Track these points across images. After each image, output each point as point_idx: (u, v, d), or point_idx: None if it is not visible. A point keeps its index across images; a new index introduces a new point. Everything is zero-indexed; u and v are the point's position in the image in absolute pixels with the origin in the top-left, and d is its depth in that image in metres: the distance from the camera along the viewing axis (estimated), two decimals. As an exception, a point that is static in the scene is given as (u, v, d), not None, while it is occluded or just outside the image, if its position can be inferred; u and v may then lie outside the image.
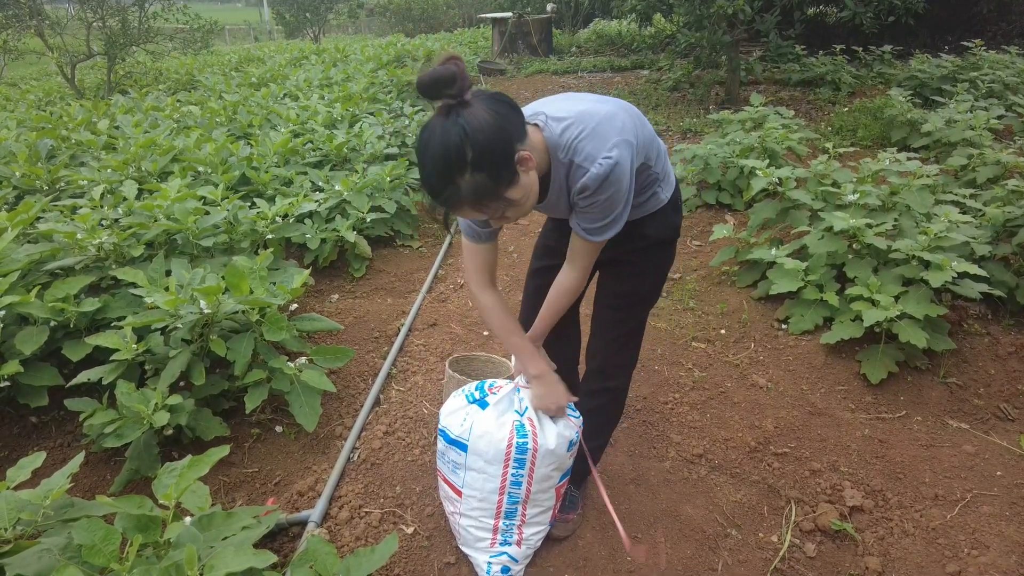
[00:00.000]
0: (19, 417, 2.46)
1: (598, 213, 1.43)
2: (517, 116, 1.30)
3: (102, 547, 1.22)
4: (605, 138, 1.36)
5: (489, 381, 1.79)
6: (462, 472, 1.70)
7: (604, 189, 1.37)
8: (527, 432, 1.63)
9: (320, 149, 4.65)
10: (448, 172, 1.22)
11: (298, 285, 2.48)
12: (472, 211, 1.31)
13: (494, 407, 1.67)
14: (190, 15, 11.20)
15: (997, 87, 5.77)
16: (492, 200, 1.28)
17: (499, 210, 1.32)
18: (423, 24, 22.59)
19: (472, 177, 1.22)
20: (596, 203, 1.41)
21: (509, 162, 1.26)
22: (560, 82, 9.91)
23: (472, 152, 1.20)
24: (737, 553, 1.86)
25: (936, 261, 2.54)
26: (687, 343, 2.92)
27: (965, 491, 2.04)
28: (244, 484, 2.21)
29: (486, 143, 1.21)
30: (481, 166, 1.22)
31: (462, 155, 1.20)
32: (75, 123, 5.12)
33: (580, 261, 1.56)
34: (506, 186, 1.28)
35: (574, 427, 1.72)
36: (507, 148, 1.24)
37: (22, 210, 2.76)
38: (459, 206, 1.29)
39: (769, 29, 7.00)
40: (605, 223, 1.45)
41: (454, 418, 1.70)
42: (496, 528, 1.73)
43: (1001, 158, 3.67)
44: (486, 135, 1.21)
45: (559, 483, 1.75)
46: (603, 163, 1.35)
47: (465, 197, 1.25)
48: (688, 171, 4.52)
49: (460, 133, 1.20)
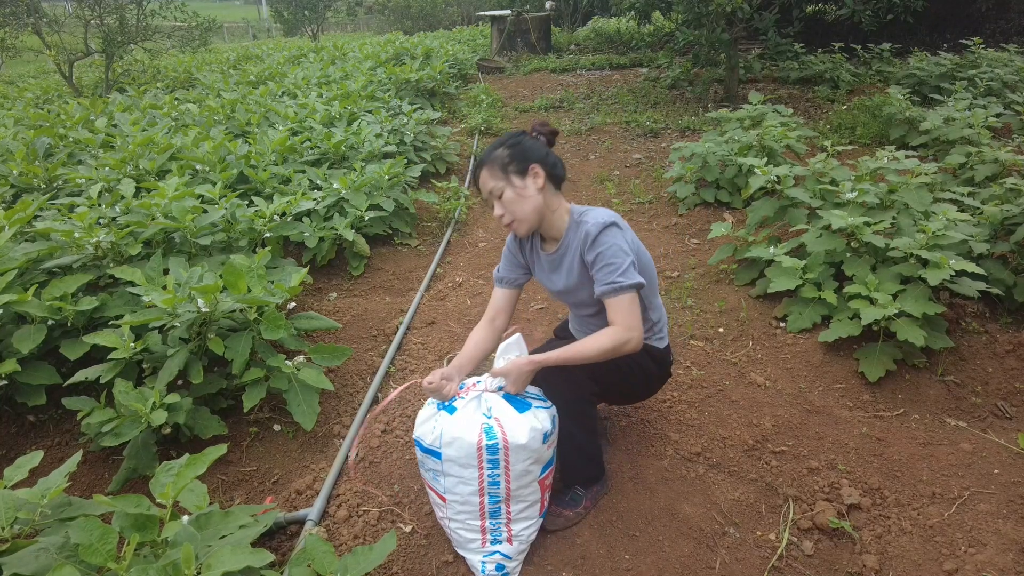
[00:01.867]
0: (17, 416, 2.46)
1: (609, 260, 1.73)
2: (544, 147, 1.86)
3: (99, 546, 1.21)
4: (607, 213, 1.82)
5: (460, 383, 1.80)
6: (442, 478, 1.71)
7: (604, 237, 1.75)
8: (496, 432, 1.63)
9: (318, 147, 4.64)
10: (496, 146, 1.83)
11: (296, 283, 2.48)
12: (487, 174, 1.80)
13: (461, 411, 1.68)
14: (188, 13, 11.18)
15: (996, 85, 5.77)
16: (501, 173, 1.77)
17: (501, 188, 1.78)
18: (422, 22, 22.57)
19: (503, 150, 1.80)
20: (602, 253, 1.74)
21: (525, 157, 1.80)
22: (559, 80, 9.90)
23: (514, 139, 1.84)
24: (735, 551, 1.86)
25: (934, 259, 2.54)
26: (685, 341, 2.92)
27: (963, 489, 2.04)
28: (242, 483, 2.21)
29: (521, 143, 1.83)
30: (509, 146, 1.81)
31: (510, 140, 1.84)
32: (73, 121, 5.12)
33: (621, 317, 1.74)
34: (516, 169, 1.78)
35: (547, 419, 1.71)
36: (527, 153, 1.80)
37: (19, 208, 2.76)
38: (485, 167, 1.80)
39: (768, 27, 7.00)
40: (622, 269, 1.73)
41: (425, 427, 1.70)
42: (484, 528, 1.73)
43: (999, 156, 3.67)
44: (524, 143, 1.84)
45: (541, 476, 1.73)
46: (604, 219, 1.78)
47: (493, 160, 1.79)
48: (687, 169, 4.51)
49: (518, 136, 1.86)
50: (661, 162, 5.62)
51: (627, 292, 1.72)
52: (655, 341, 2.00)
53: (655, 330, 1.99)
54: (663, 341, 2.02)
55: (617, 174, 5.47)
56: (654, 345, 1.99)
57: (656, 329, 2.00)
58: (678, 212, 4.45)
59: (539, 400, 1.77)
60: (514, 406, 1.70)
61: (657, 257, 3.83)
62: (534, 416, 1.69)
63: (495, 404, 1.70)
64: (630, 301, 1.73)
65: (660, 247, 3.97)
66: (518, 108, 8.13)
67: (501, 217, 1.81)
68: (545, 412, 1.73)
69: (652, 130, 6.57)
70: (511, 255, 2.04)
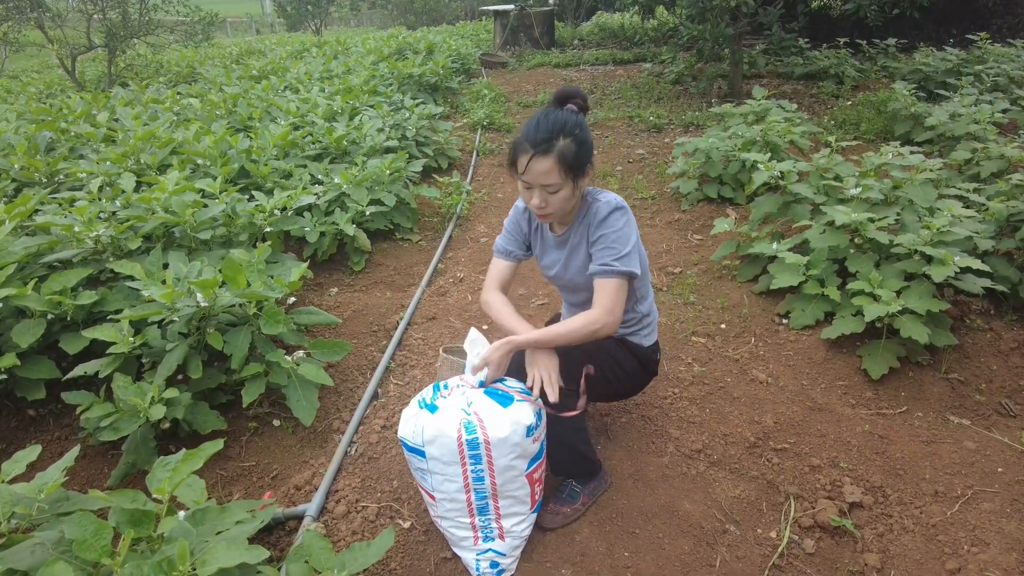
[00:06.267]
0: (16, 410, 2.46)
1: (612, 243, 1.73)
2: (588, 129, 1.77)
3: (93, 542, 1.21)
4: (618, 198, 1.80)
5: (444, 383, 1.78)
6: (429, 477, 1.70)
7: (613, 219, 1.74)
8: (475, 427, 1.61)
9: (320, 142, 4.63)
10: (556, 132, 1.65)
11: (296, 278, 2.47)
12: (547, 167, 1.64)
13: (443, 410, 1.66)
14: (190, 7, 11.18)
15: (1002, 81, 5.73)
16: (563, 171, 1.65)
17: (558, 186, 1.67)
18: (425, 17, 22.52)
19: (566, 141, 1.64)
20: (608, 234, 1.74)
21: (588, 154, 1.70)
22: (562, 75, 9.86)
23: (577, 130, 1.67)
24: (735, 549, 1.85)
25: (938, 256, 2.52)
26: (687, 337, 2.91)
27: (966, 487, 2.03)
28: (241, 478, 2.20)
29: (585, 135, 1.70)
30: (576, 139, 1.66)
31: (571, 128, 1.66)
32: (75, 115, 5.11)
33: (604, 299, 1.73)
34: (578, 164, 1.67)
35: (530, 412, 1.67)
36: (588, 149, 1.70)
37: (20, 202, 2.75)
38: (544, 156, 1.63)
39: (772, 22, 6.95)
40: (621, 255, 1.72)
41: (408, 426, 1.69)
42: (474, 525, 1.72)
43: (1005, 152, 3.64)
44: (586, 132, 1.72)
45: (528, 470, 1.70)
46: (616, 202, 1.77)
47: (554, 151, 1.63)
48: (690, 165, 4.49)
49: (576, 119, 1.69)
50: (664, 157, 5.59)
51: (619, 277, 1.73)
52: (642, 338, 1.98)
53: (644, 324, 1.97)
54: (651, 338, 2.00)
55: (620, 169, 5.44)
56: (640, 343, 1.97)
57: (645, 323, 1.98)
58: (681, 208, 4.43)
59: (524, 394, 1.73)
60: (497, 401, 1.67)
61: (659, 253, 3.82)
62: (517, 410, 1.65)
63: (476, 399, 1.68)
64: (618, 287, 1.73)
65: (663, 243, 3.95)
66: (521, 103, 8.10)
67: (538, 206, 1.72)
68: (529, 406, 1.69)
69: (655, 125, 6.54)
70: (515, 229, 1.99)
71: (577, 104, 1.76)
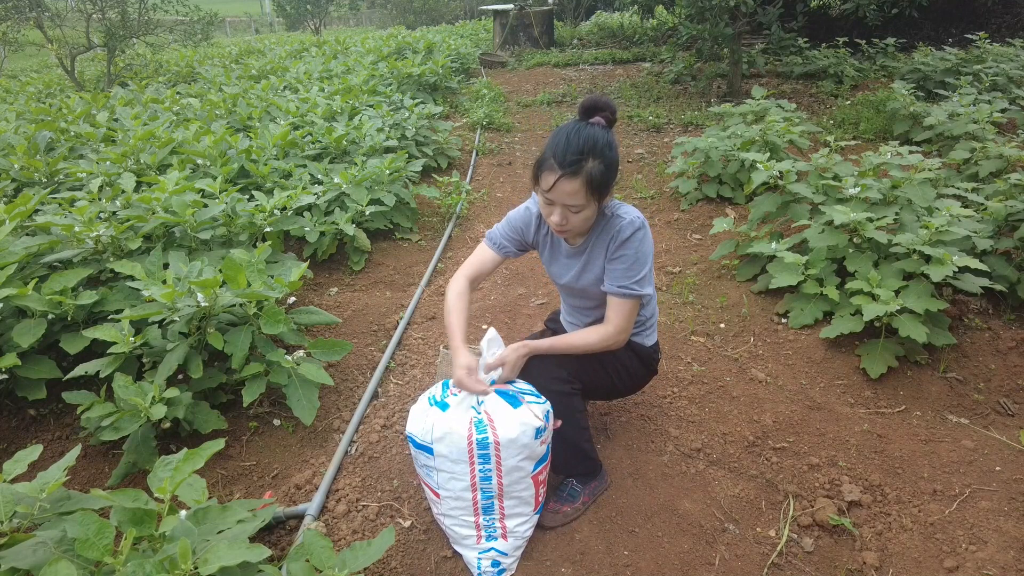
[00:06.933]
0: (17, 410, 2.46)
1: (632, 264, 1.76)
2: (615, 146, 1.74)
3: (96, 541, 1.21)
4: (639, 214, 1.80)
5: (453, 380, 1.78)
6: (435, 474, 1.70)
7: (637, 238, 1.75)
8: (485, 426, 1.62)
9: (319, 142, 4.63)
10: (587, 153, 1.60)
11: (296, 278, 2.47)
12: (574, 189, 1.61)
13: (454, 408, 1.67)
14: (190, 7, 11.17)
15: (1001, 80, 5.74)
16: (588, 193, 1.62)
17: (582, 207, 1.65)
18: (424, 16, 22.52)
19: (595, 163, 1.61)
20: (629, 255, 1.75)
21: (614, 175, 1.68)
22: (561, 75, 9.87)
23: (608, 151, 1.63)
24: (734, 547, 1.85)
25: (937, 255, 2.53)
26: (686, 337, 2.91)
27: (964, 486, 2.03)
28: (242, 477, 2.21)
29: (614, 155, 1.67)
30: (605, 161, 1.62)
31: (602, 148, 1.62)
32: (74, 115, 5.11)
33: (618, 319, 1.81)
34: (605, 186, 1.65)
35: (539, 414, 1.68)
36: (615, 171, 1.68)
37: (20, 202, 2.75)
38: (572, 178, 1.60)
39: (771, 21, 6.95)
40: (639, 278, 1.77)
41: (417, 423, 1.70)
42: (478, 524, 1.73)
43: (1004, 152, 3.64)
44: (616, 152, 1.68)
45: (534, 472, 1.71)
46: (638, 221, 1.77)
47: (582, 173, 1.60)
48: (689, 164, 4.50)
49: (607, 139, 1.64)
50: (664, 157, 5.60)
51: (634, 299, 1.80)
52: (644, 337, 1.99)
53: (646, 325, 1.99)
54: (652, 337, 2.02)
55: (620, 169, 5.44)
56: (642, 343, 1.99)
57: (647, 325, 1.99)
58: (680, 207, 4.44)
59: (532, 396, 1.74)
60: (507, 401, 1.69)
61: (659, 252, 3.82)
62: (527, 411, 1.67)
63: (487, 399, 1.69)
64: (632, 307, 1.81)
65: (662, 243, 3.96)
66: (520, 103, 8.10)
67: (558, 223, 1.70)
68: (539, 407, 1.71)
69: (655, 125, 6.55)
70: (521, 229, 1.95)
71: (605, 118, 1.69)
